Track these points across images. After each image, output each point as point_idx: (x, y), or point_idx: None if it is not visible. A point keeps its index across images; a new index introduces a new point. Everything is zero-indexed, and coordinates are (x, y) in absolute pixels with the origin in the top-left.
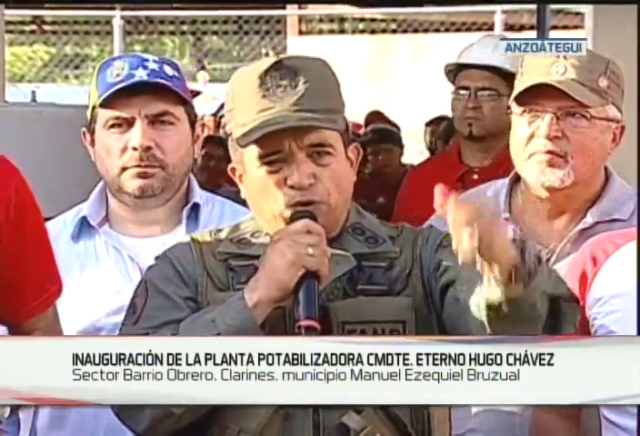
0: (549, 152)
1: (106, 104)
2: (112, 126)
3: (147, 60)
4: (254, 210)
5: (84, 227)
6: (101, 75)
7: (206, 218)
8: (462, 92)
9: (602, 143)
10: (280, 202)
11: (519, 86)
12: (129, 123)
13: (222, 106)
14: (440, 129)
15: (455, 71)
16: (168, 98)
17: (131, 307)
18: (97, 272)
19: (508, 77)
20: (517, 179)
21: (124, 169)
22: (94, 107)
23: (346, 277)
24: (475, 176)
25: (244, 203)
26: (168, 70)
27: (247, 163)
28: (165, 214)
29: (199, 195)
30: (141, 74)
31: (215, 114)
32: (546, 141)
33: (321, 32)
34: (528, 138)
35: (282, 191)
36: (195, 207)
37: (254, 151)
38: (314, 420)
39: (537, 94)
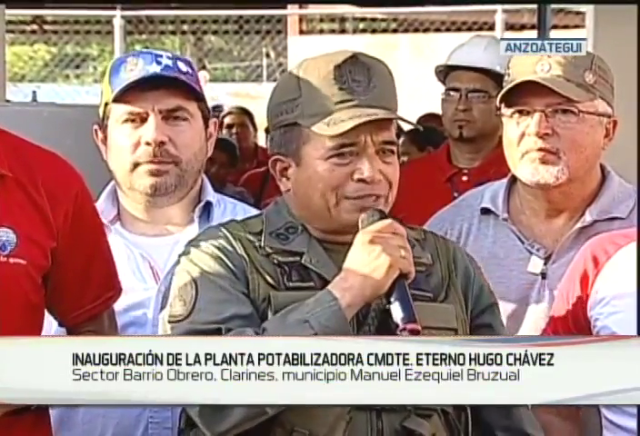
0: (541, 149)
1: (120, 98)
2: (125, 121)
3: (161, 56)
4: (301, 202)
5: None
6: (114, 72)
7: (219, 218)
8: (452, 93)
9: (594, 139)
10: (343, 194)
11: (506, 86)
12: (142, 118)
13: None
14: None
15: (445, 72)
16: (182, 93)
17: (180, 299)
18: None
19: (498, 79)
20: (515, 180)
21: (136, 165)
22: (106, 103)
23: None
24: (465, 177)
25: (250, 204)
26: (182, 66)
27: (308, 155)
28: (178, 213)
29: (212, 195)
30: (155, 69)
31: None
32: (537, 139)
33: (322, 31)
34: (519, 137)
35: (347, 184)
36: (208, 206)
37: (324, 142)
38: (377, 425)
39: (525, 93)
